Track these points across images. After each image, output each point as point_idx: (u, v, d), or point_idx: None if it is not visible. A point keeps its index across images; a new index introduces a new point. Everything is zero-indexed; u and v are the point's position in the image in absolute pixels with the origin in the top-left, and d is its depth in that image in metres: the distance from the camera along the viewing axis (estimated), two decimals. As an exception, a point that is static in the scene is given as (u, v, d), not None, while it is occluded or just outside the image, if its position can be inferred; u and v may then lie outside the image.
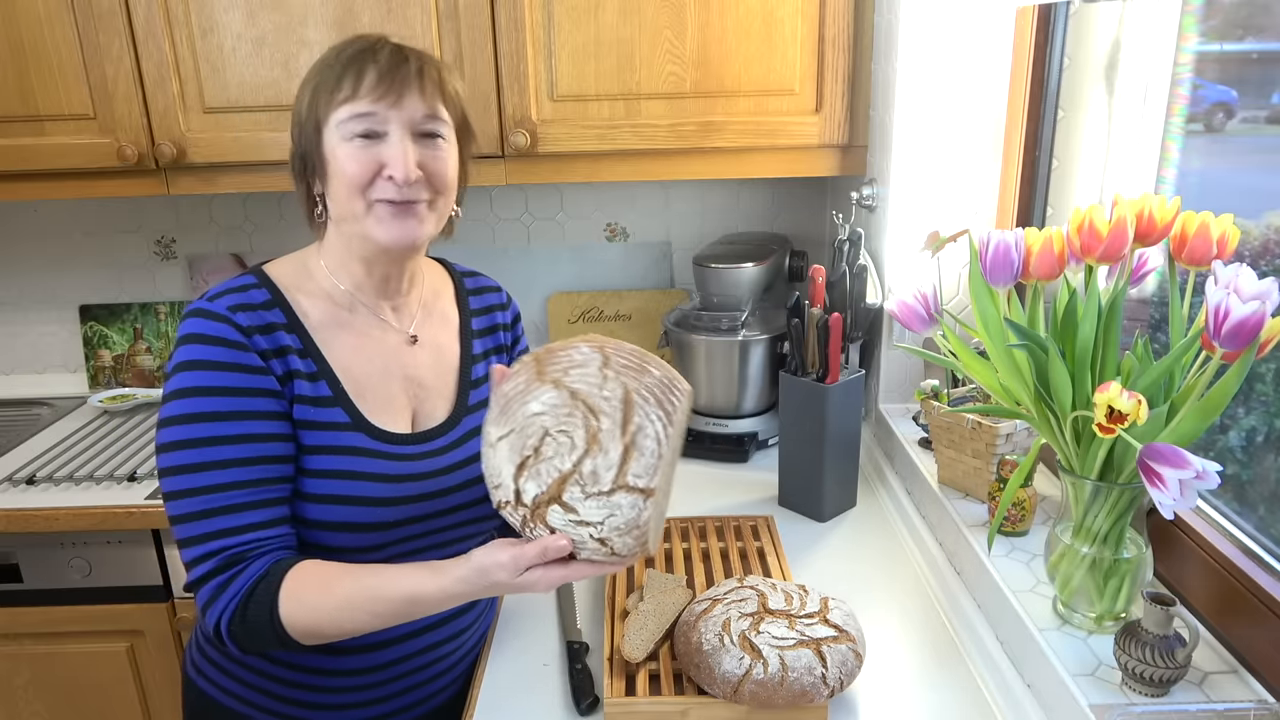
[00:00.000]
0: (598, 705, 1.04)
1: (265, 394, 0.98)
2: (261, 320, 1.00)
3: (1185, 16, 1.18)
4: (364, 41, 1.01)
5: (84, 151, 1.66)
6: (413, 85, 0.99)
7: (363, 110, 0.97)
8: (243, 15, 1.59)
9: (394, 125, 0.98)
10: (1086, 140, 1.35)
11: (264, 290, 1.03)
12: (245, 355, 0.97)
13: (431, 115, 1.01)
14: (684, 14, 1.58)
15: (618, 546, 0.85)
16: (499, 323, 1.22)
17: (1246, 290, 0.79)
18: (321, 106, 0.99)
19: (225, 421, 0.95)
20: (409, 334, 1.12)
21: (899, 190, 1.54)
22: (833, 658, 0.98)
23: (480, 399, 1.16)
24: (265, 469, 0.97)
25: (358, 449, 1.03)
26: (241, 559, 0.94)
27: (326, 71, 1.00)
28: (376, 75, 0.98)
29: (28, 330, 2.17)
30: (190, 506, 0.94)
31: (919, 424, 1.54)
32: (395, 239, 1.01)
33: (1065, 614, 1.01)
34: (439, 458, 1.09)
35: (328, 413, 1.02)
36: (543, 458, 0.84)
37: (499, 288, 1.25)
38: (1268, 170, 1.15)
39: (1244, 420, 1.09)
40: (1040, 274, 0.96)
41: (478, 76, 1.61)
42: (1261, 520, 1.00)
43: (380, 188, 0.99)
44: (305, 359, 1.02)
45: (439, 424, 1.11)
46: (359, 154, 0.98)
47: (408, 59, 1.00)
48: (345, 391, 1.04)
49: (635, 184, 2.06)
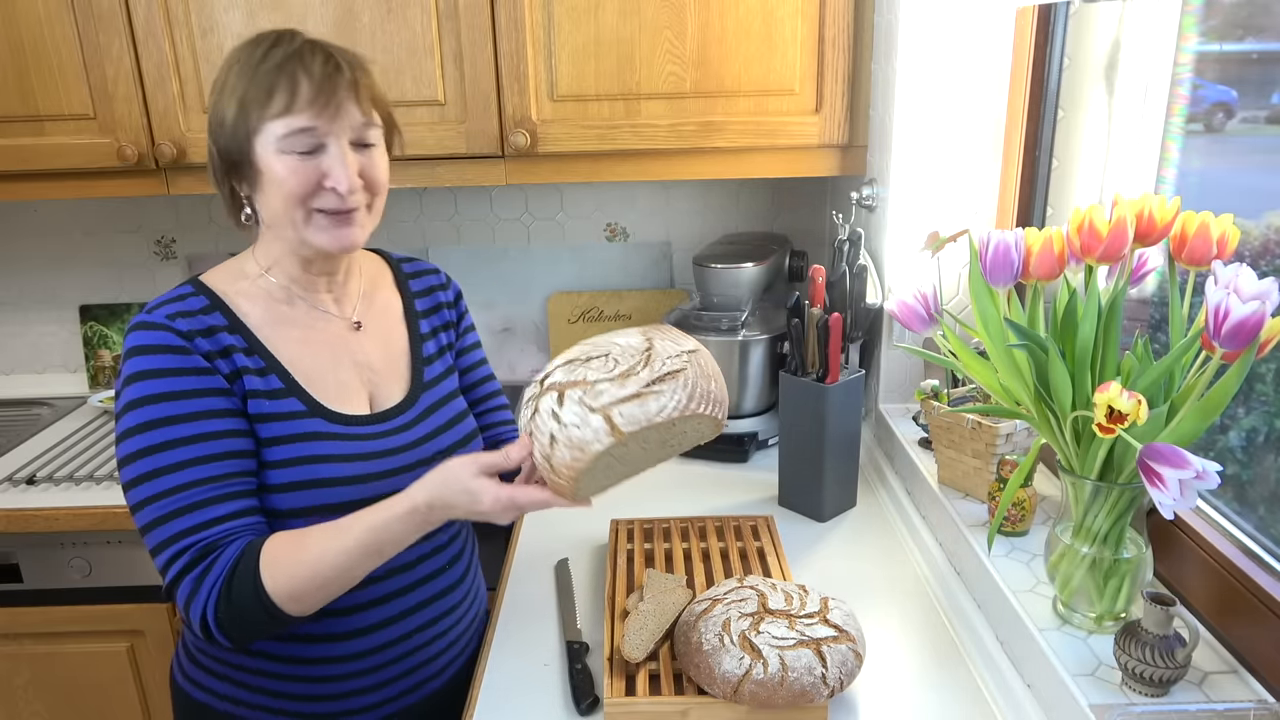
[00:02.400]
0: (598, 705, 1.04)
1: (215, 393, 0.99)
2: (202, 324, 1.00)
3: (1185, 16, 1.18)
4: (285, 44, 1.00)
5: (84, 151, 1.66)
6: (348, 96, 0.99)
7: (302, 125, 0.97)
8: (243, 15, 1.59)
9: (333, 138, 0.99)
10: (1086, 140, 1.35)
11: (201, 297, 1.03)
12: (189, 358, 0.98)
13: (368, 124, 1.02)
14: (684, 14, 1.58)
15: (557, 455, 0.91)
16: (442, 301, 1.24)
17: (1246, 290, 0.79)
18: (253, 118, 0.98)
19: (179, 424, 0.96)
20: (352, 320, 1.13)
21: (899, 190, 1.54)
22: (833, 658, 0.98)
23: (435, 375, 1.18)
24: (226, 464, 0.97)
25: (318, 433, 1.04)
26: (215, 547, 0.95)
27: (253, 79, 0.98)
28: (313, 88, 0.97)
29: (28, 330, 2.17)
30: (156, 512, 0.94)
31: (919, 424, 1.54)
32: (338, 244, 1.03)
33: (1065, 614, 1.01)
34: (402, 434, 1.10)
35: (283, 403, 1.03)
36: (587, 364, 0.94)
37: (437, 269, 1.27)
38: (1268, 170, 1.15)
39: (1244, 420, 1.09)
40: (1040, 274, 0.96)
41: (478, 76, 1.61)
42: (1261, 520, 1.00)
43: (321, 198, 1.00)
44: (251, 356, 1.03)
45: (396, 403, 1.12)
46: (299, 167, 0.98)
47: (341, 68, 0.99)
48: (297, 381, 1.05)
49: (635, 184, 2.06)
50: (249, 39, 1.01)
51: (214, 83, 1.02)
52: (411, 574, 1.10)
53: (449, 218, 2.08)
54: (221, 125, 1.00)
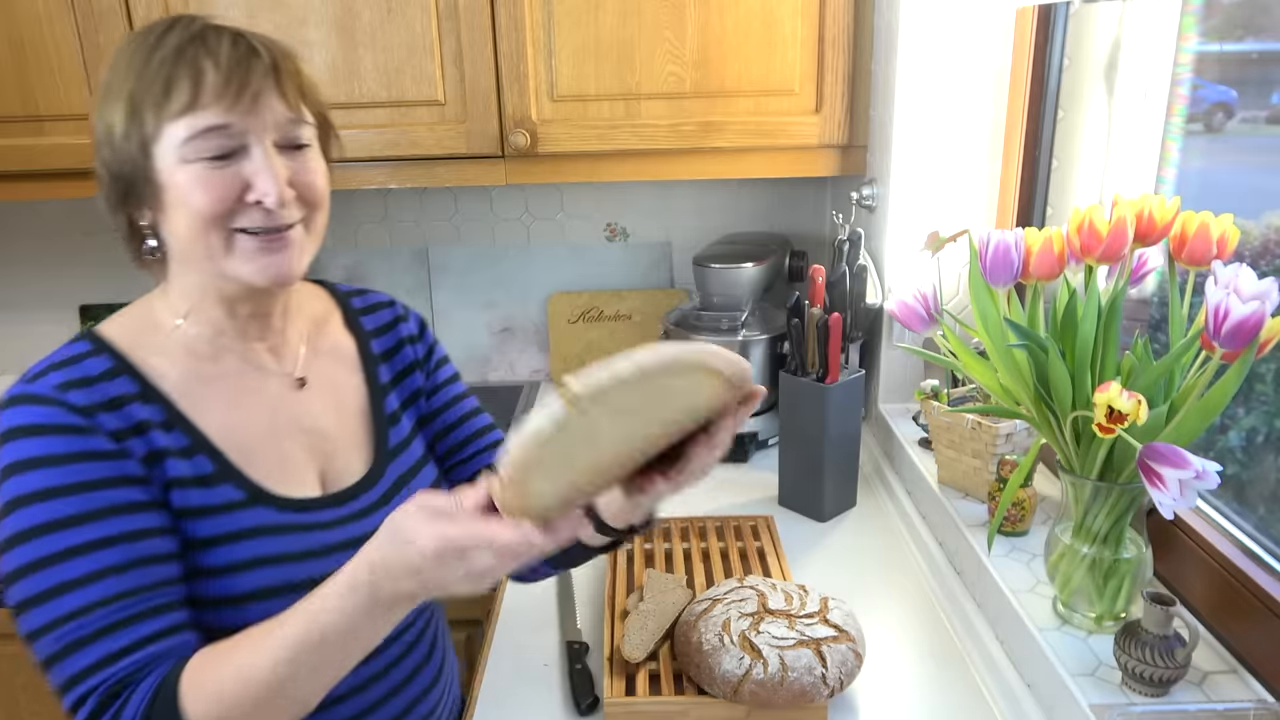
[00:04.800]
0: (598, 705, 1.04)
1: (125, 482, 0.78)
2: (104, 395, 0.79)
3: (1185, 16, 1.18)
4: (182, 28, 0.79)
5: (84, 151, 1.65)
6: (268, 84, 0.79)
7: (211, 123, 0.77)
8: (243, 15, 1.58)
9: (253, 137, 0.79)
10: (1086, 140, 1.35)
11: (102, 358, 0.82)
12: (88, 440, 0.77)
13: (297, 120, 0.82)
14: (684, 14, 1.58)
15: (503, 460, 0.67)
16: (404, 337, 1.03)
17: (1246, 290, 0.79)
18: (148, 122, 0.78)
19: (78, 527, 0.75)
20: (294, 376, 0.93)
21: (899, 190, 1.54)
22: (833, 658, 0.98)
23: (402, 437, 0.98)
24: (141, 574, 0.76)
25: (263, 529, 0.84)
26: (128, 683, 0.74)
27: (144, 73, 0.78)
28: (221, 75, 0.77)
29: (28, 330, 2.17)
30: (56, 644, 0.74)
31: (919, 424, 1.54)
32: (270, 277, 0.82)
33: (1065, 614, 1.01)
34: (365, 520, 0.90)
35: (216, 493, 0.82)
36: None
37: (393, 301, 1.06)
38: (1268, 170, 1.15)
39: (1244, 420, 1.09)
40: (1040, 274, 0.96)
41: (478, 76, 1.61)
42: (1261, 520, 1.00)
43: (244, 216, 0.80)
44: (171, 432, 0.82)
45: (357, 480, 0.93)
46: (211, 178, 0.78)
47: (256, 50, 0.80)
48: (231, 462, 0.84)
49: (635, 184, 2.06)
50: (138, 30, 0.82)
51: (100, 87, 0.82)
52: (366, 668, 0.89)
53: (449, 218, 2.08)
54: (109, 137, 0.81)
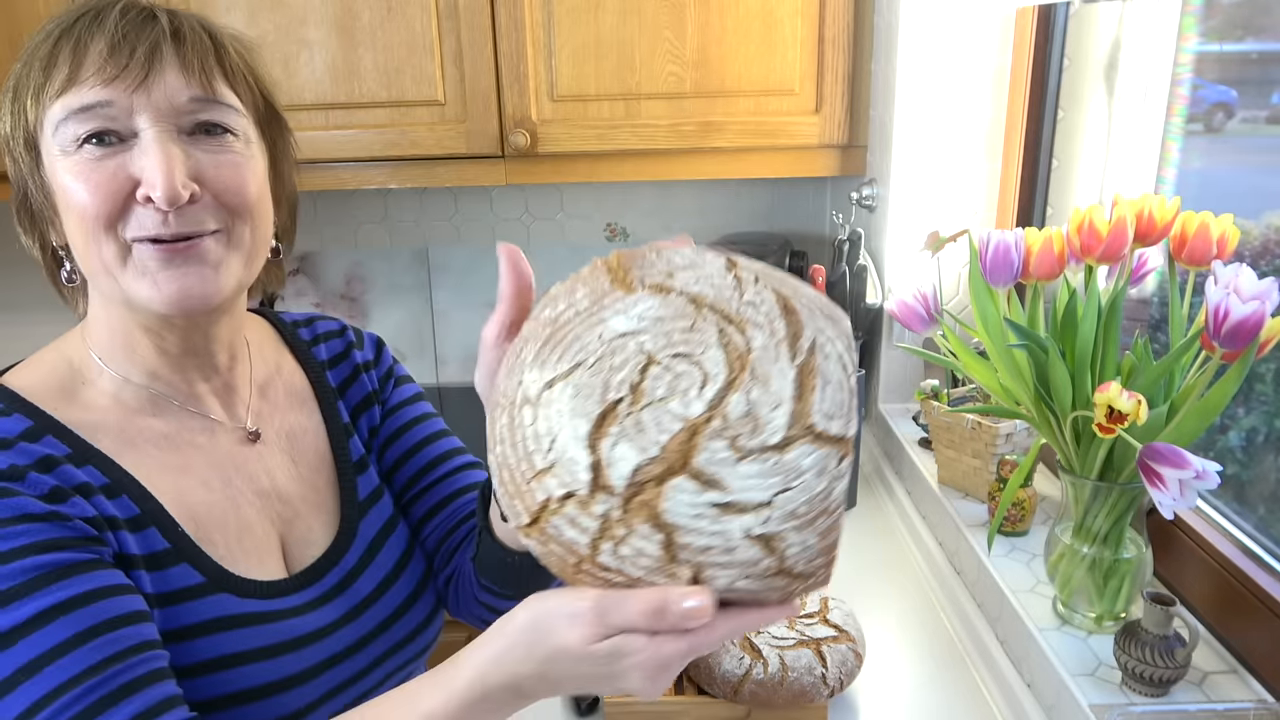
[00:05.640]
0: (598, 705, 1.04)
1: (76, 544, 0.63)
2: (31, 456, 0.64)
3: (1185, 16, 1.18)
4: (82, 7, 0.68)
5: (84, 151, 1.66)
6: (167, 54, 0.65)
7: (87, 101, 0.63)
8: (243, 16, 1.58)
9: (143, 117, 0.64)
10: (1086, 140, 1.35)
11: (17, 416, 0.66)
12: (21, 502, 0.62)
13: (210, 100, 0.66)
14: (684, 14, 1.58)
15: (793, 552, 0.50)
16: (359, 364, 0.88)
17: (1246, 290, 0.79)
18: (30, 109, 0.66)
19: (27, 599, 0.59)
20: (246, 429, 0.78)
21: (899, 190, 1.54)
22: (833, 658, 0.98)
23: (371, 488, 0.84)
24: (115, 637, 0.61)
25: (226, 620, 0.69)
26: None
27: (32, 55, 0.67)
28: (107, 45, 0.64)
29: (28, 330, 2.17)
30: None
31: (919, 424, 1.54)
32: (170, 298, 0.66)
33: (1065, 614, 1.01)
34: (337, 601, 0.77)
35: (170, 575, 0.68)
36: (646, 401, 0.48)
37: (343, 325, 0.91)
38: (1268, 170, 1.15)
39: (1244, 420, 1.09)
40: (1040, 274, 0.96)
41: (478, 76, 1.61)
42: (1261, 520, 1.00)
43: (136, 220, 0.65)
44: (117, 498, 0.67)
45: (323, 553, 0.78)
46: (92, 169, 0.64)
47: (155, 17, 0.66)
48: (187, 535, 0.69)
49: (635, 184, 2.06)
50: None
51: None
52: None
53: (449, 218, 2.08)
54: (6, 141, 0.68)
